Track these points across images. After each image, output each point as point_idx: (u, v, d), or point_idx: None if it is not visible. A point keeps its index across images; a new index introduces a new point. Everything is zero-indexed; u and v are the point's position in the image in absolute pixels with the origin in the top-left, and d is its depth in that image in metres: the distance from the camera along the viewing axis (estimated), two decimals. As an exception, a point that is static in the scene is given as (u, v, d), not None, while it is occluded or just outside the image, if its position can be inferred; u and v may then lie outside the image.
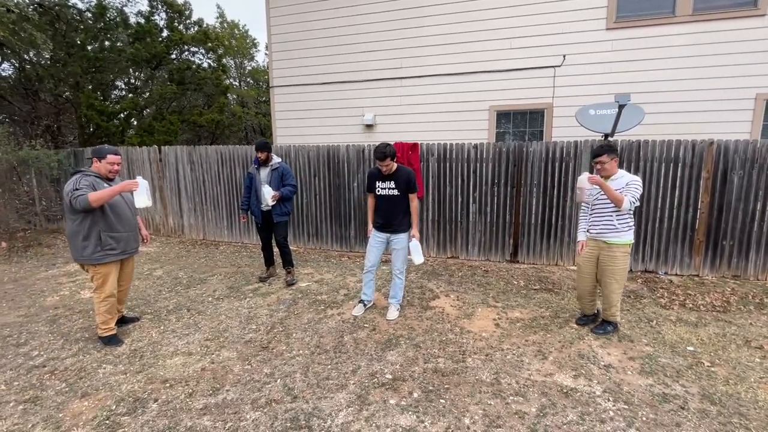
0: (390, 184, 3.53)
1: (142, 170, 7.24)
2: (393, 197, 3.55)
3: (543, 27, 6.41)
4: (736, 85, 5.69)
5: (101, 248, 3.09)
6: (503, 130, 6.97)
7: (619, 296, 3.29)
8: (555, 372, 2.78)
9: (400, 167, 3.56)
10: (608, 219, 3.20)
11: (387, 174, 3.51)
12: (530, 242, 5.37)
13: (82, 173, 3.07)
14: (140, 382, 2.73)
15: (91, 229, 3.06)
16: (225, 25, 19.45)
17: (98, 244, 3.08)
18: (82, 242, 3.06)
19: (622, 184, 3.14)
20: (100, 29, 12.45)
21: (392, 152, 3.41)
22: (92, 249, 3.07)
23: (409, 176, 3.53)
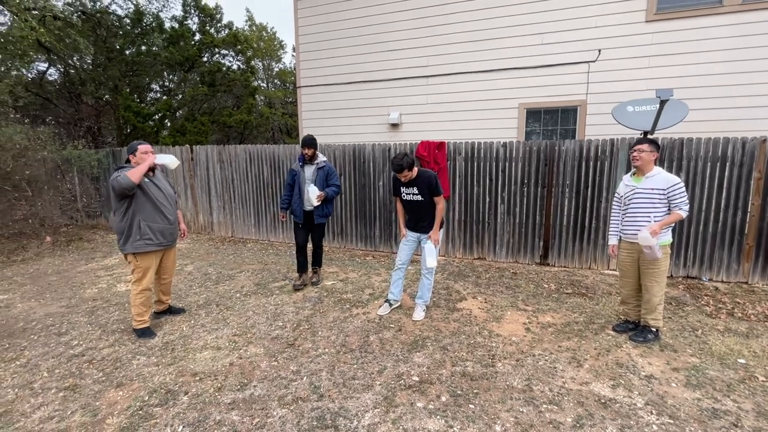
0: (413, 189, 3.51)
1: (175, 169, 7.46)
2: (417, 201, 3.54)
3: (577, 21, 6.17)
4: (791, 78, 5.28)
5: (140, 237, 3.24)
6: (533, 129, 6.76)
7: (660, 300, 3.10)
8: (591, 381, 2.64)
9: (422, 172, 3.51)
10: (644, 221, 3.03)
11: (409, 180, 3.49)
12: (562, 244, 5.17)
13: (123, 168, 3.21)
14: (171, 375, 2.79)
15: (133, 219, 3.21)
16: (254, 28, 19.90)
17: (138, 233, 3.23)
18: (126, 232, 3.22)
19: (660, 184, 2.97)
20: (138, 34, 13.00)
21: (409, 163, 3.36)
22: (133, 238, 3.22)
23: (430, 181, 3.45)
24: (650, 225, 2.95)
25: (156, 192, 3.32)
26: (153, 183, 3.34)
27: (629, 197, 3.13)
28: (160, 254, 3.45)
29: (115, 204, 3.22)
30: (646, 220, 3.02)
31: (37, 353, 3.13)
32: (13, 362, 3.00)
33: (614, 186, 4.83)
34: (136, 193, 3.17)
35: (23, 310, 4.04)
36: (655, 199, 3.00)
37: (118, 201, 3.18)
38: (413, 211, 3.61)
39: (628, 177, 3.22)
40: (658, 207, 3.00)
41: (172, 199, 3.49)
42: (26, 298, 4.36)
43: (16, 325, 3.67)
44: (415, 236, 3.69)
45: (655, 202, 3.00)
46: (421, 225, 3.60)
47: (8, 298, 4.37)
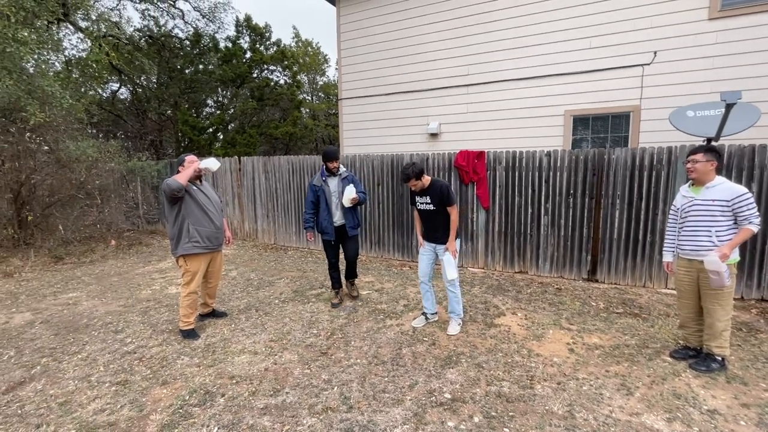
0: (426, 198, 3.48)
1: (224, 179, 7.93)
2: (430, 211, 3.48)
3: (629, 22, 5.83)
4: None
5: (189, 240, 3.46)
6: (581, 137, 6.43)
7: (726, 325, 2.78)
8: (643, 411, 2.40)
9: (435, 182, 3.47)
10: (705, 236, 2.74)
11: (422, 189, 3.46)
12: (612, 259, 4.82)
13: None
14: (211, 376, 2.91)
15: (183, 223, 3.44)
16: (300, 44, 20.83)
17: (187, 236, 3.45)
18: (177, 236, 3.46)
19: (724, 195, 2.68)
20: (196, 54, 14.09)
21: (416, 172, 3.35)
22: (182, 241, 3.45)
23: (442, 191, 3.39)
24: (720, 248, 2.64)
25: (203, 198, 3.55)
26: (200, 190, 3.57)
27: (686, 210, 2.85)
28: (208, 258, 3.65)
29: (168, 211, 3.47)
30: (706, 236, 2.73)
31: (96, 348, 3.40)
32: (75, 356, 3.29)
33: (672, 197, 4.45)
34: (185, 198, 3.41)
35: (87, 307, 4.42)
36: (716, 212, 2.71)
37: (170, 206, 3.43)
38: (427, 220, 3.57)
39: (686, 188, 2.94)
40: (719, 221, 2.70)
41: (218, 206, 3.71)
42: (91, 297, 4.78)
43: (80, 321, 4.03)
44: (431, 246, 3.62)
45: (717, 216, 2.70)
46: (435, 235, 3.54)
47: (76, 296, 4.81)
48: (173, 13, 12.73)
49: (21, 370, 3.06)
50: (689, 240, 2.83)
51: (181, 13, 12.87)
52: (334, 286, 4.39)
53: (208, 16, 13.30)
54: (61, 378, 2.94)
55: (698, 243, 2.77)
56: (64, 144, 6.82)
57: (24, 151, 6.52)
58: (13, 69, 5.73)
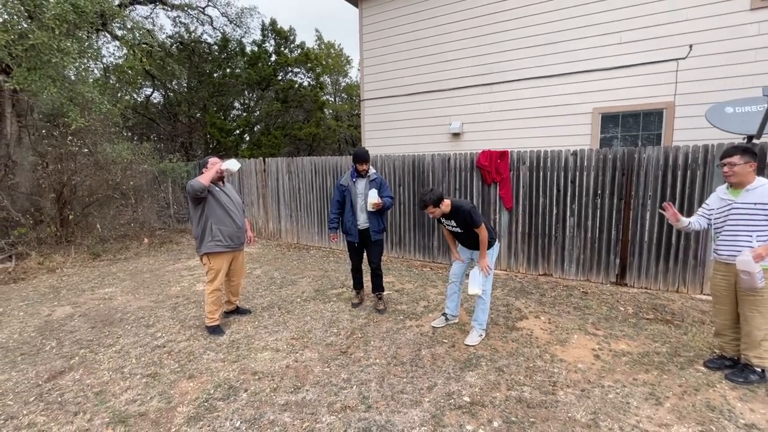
0: (452, 222, 3.38)
1: (249, 180, 8.14)
2: (460, 233, 3.42)
3: (662, 15, 5.59)
4: None
5: (212, 239, 3.57)
6: (610, 135, 6.21)
7: (766, 334, 2.62)
8: (673, 423, 2.30)
9: (457, 208, 3.27)
10: (745, 240, 2.59)
11: (445, 215, 3.34)
12: (642, 263, 4.63)
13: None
14: (235, 372, 3.00)
15: (206, 222, 3.57)
16: (322, 46, 21.11)
17: (210, 235, 3.57)
18: (201, 236, 3.58)
19: (762, 197, 2.54)
20: (224, 59, 14.54)
21: (433, 199, 3.19)
22: (206, 240, 3.57)
23: (465, 217, 3.22)
24: (756, 248, 2.50)
25: (225, 199, 3.67)
26: (223, 191, 3.70)
27: (724, 213, 2.70)
28: (230, 257, 3.76)
29: (192, 211, 3.61)
30: (746, 240, 2.58)
31: (129, 341, 3.58)
32: (110, 348, 3.47)
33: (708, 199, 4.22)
34: (207, 198, 3.53)
35: (122, 302, 4.65)
36: (759, 215, 2.55)
37: (194, 207, 3.57)
38: (459, 239, 3.53)
39: (724, 189, 2.79)
40: (761, 224, 2.55)
41: (239, 207, 3.82)
42: (125, 292, 5.02)
43: (115, 315, 4.24)
44: (468, 252, 3.57)
45: (759, 219, 2.55)
46: (469, 245, 3.49)
47: (111, 292, 5.07)
48: (202, 19, 13.19)
49: (61, 360, 3.26)
50: (730, 245, 2.68)
51: (209, 19, 13.32)
52: (355, 287, 4.41)
53: (235, 22, 13.71)
54: (97, 369, 3.11)
55: (738, 247, 2.62)
56: (101, 147, 7.21)
57: (66, 154, 6.93)
58: (56, 77, 6.09)
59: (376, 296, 4.27)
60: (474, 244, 3.41)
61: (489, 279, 3.40)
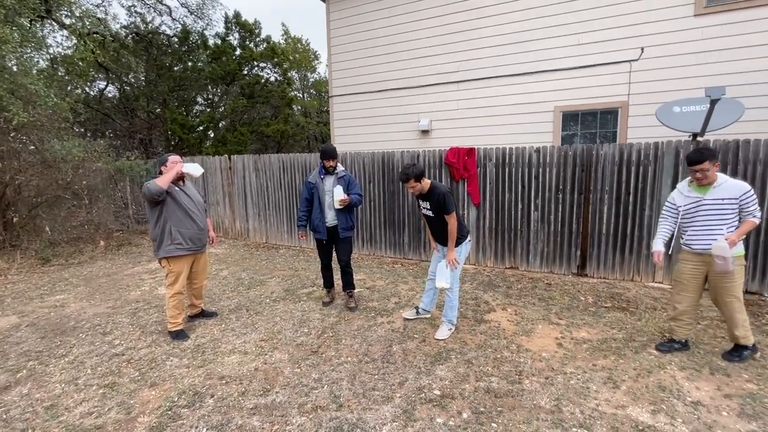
0: (426, 204, 3.40)
1: (214, 178, 7.86)
2: (431, 217, 3.44)
3: (616, 19, 5.88)
4: None
5: (171, 242, 3.42)
6: (571, 132, 6.47)
7: (744, 315, 2.85)
8: (628, 404, 2.44)
9: (433, 188, 3.31)
10: (718, 232, 2.79)
11: (422, 194, 3.38)
12: (601, 254, 4.88)
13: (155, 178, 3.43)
14: (200, 377, 2.89)
15: (165, 225, 3.40)
16: (289, 41, 20.65)
17: (169, 238, 3.41)
18: (159, 238, 3.42)
19: (732, 193, 2.75)
20: (185, 52, 13.91)
21: (416, 173, 3.22)
22: (165, 243, 3.41)
23: (439, 199, 3.26)
24: (728, 235, 2.74)
25: (186, 200, 3.51)
26: (183, 191, 3.53)
27: (693, 209, 2.89)
28: (191, 260, 3.61)
29: (149, 213, 3.43)
30: (720, 232, 2.79)
31: (84, 351, 3.36)
32: (62, 359, 3.25)
33: (659, 192, 4.50)
34: (166, 200, 3.36)
35: (75, 309, 4.37)
36: (727, 209, 2.77)
37: (152, 209, 3.39)
38: (430, 225, 3.55)
39: (686, 186, 2.97)
40: (729, 217, 2.77)
41: (201, 207, 3.67)
42: (79, 299, 4.72)
43: (67, 324, 3.98)
44: (443, 248, 3.59)
45: (727, 213, 2.77)
46: (441, 239, 3.49)
47: (63, 298, 4.75)
48: (160, 9, 12.56)
49: (6, 375, 3.02)
50: (702, 237, 2.87)
51: (168, 10, 12.70)
52: (325, 285, 4.36)
53: (196, 13, 13.15)
54: (48, 382, 2.90)
55: (713, 238, 2.81)
56: (49, 143, 6.70)
57: (8, 152, 6.40)
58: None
59: (346, 294, 4.24)
60: (443, 237, 3.43)
61: (456, 274, 3.46)
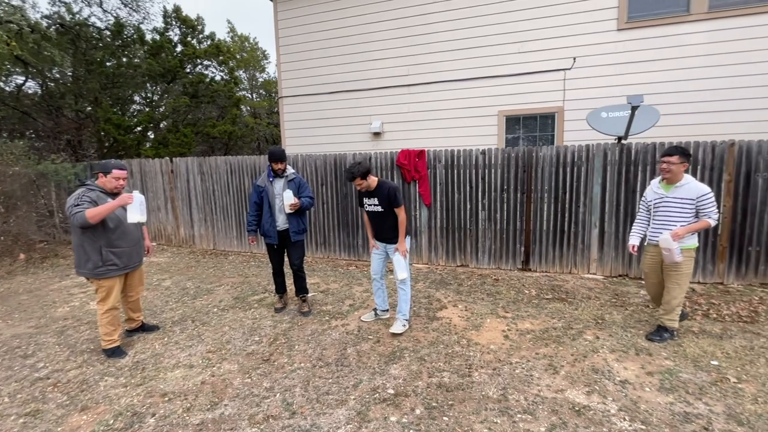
0: (374, 200, 3.47)
1: (155, 182, 7.36)
2: (379, 213, 3.49)
3: (552, 30, 6.31)
4: (757, 83, 5.45)
5: (103, 264, 3.10)
6: (515, 135, 6.84)
7: (680, 303, 3.18)
8: (567, 388, 2.63)
9: (382, 183, 3.45)
10: (673, 227, 3.08)
11: (369, 191, 3.45)
12: (542, 250, 5.20)
13: (87, 187, 3.10)
14: (140, 396, 2.70)
15: (93, 244, 3.07)
16: (236, 39, 19.88)
17: (100, 260, 3.09)
18: (85, 256, 3.08)
19: (690, 194, 3.02)
20: (118, 46, 12.87)
21: (362, 171, 3.31)
22: (94, 264, 3.08)
23: (389, 192, 3.38)
24: (675, 229, 3.02)
25: (118, 214, 3.17)
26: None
27: (656, 204, 3.18)
28: (124, 275, 3.33)
29: (73, 231, 3.08)
30: (674, 228, 3.07)
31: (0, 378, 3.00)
32: (-28, 388, 2.87)
33: (591, 190, 4.90)
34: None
35: (-11, 331, 3.88)
36: (685, 208, 3.05)
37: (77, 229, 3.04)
38: (376, 222, 3.57)
39: (657, 183, 3.26)
40: (686, 215, 3.05)
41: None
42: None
43: (-21, 348, 3.53)
44: (383, 246, 3.64)
45: (685, 211, 3.05)
46: (385, 236, 3.55)
47: (-26, 320, 4.20)
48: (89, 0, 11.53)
49: None
50: (660, 231, 3.15)
51: (98, 1, 11.70)
52: (277, 291, 4.25)
53: (131, 5, 12.23)
54: (-47, 415, 2.56)
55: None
56: (-47, 145, 5.91)
57: None
58: None
59: (300, 299, 4.16)
60: (388, 233, 3.51)
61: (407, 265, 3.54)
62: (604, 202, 4.88)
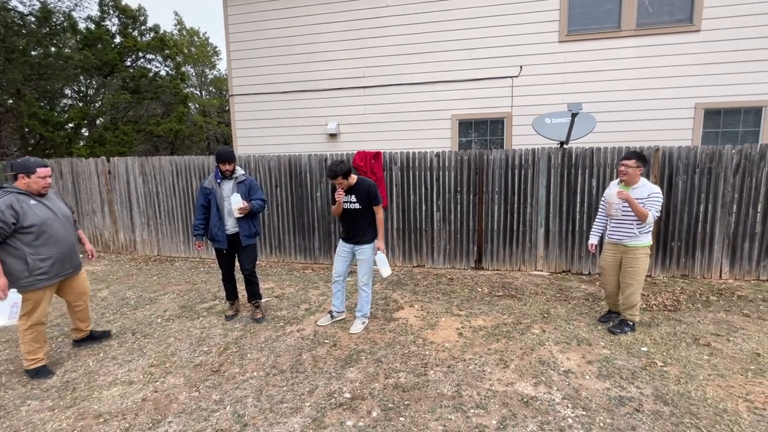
0: (351, 197, 3.45)
1: (89, 183, 6.77)
2: (355, 210, 3.47)
3: (501, 38, 6.60)
4: (677, 95, 6.07)
5: (29, 273, 2.78)
6: (467, 139, 7.07)
7: (638, 297, 3.38)
8: (516, 380, 2.75)
9: (361, 180, 3.48)
10: (628, 227, 3.30)
11: (347, 188, 3.43)
12: (494, 249, 5.42)
13: (3, 190, 2.78)
14: (69, 419, 2.45)
15: (16, 252, 2.74)
16: (184, 33, 18.85)
17: (26, 269, 2.77)
18: (7, 266, 2.74)
19: (643, 193, 3.23)
20: (45, 34, 11.71)
21: (344, 170, 3.30)
22: (18, 274, 2.76)
23: (369, 189, 3.43)
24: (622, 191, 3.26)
25: (46, 216, 2.86)
26: (44, 205, 2.90)
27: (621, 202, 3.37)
28: (56, 285, 3.03)
29: None
30: (629, 227, 3.29)
31: None
32: None
33: (537, 191, 5.18)
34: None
35: None
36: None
37: None
38: (350, 219, 3.53)
39: (615, 184, 3.45)
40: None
41: (68, 221, 3.07)
42: None
43: None
44: (349, 247, 3.62)
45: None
46: (357, 234, 3.53)
47: None
48: (9, -20, 10.38)
49: None
50: (617, 230, 3.37)
51: (20, -18, 10.57)
52: (228, 297, 4.06)
53: (60, -10, 11.18)
54: None
55: (624, 232, 3.33)
56: None
57: None
58: None
59: (252, 305, 4.01)
60: (360, 232, 3.51)
61: (371, 272, 3.58)
62: (548, 203, 5.18)
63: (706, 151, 4.72)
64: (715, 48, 5.93)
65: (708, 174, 4.73)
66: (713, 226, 4.79)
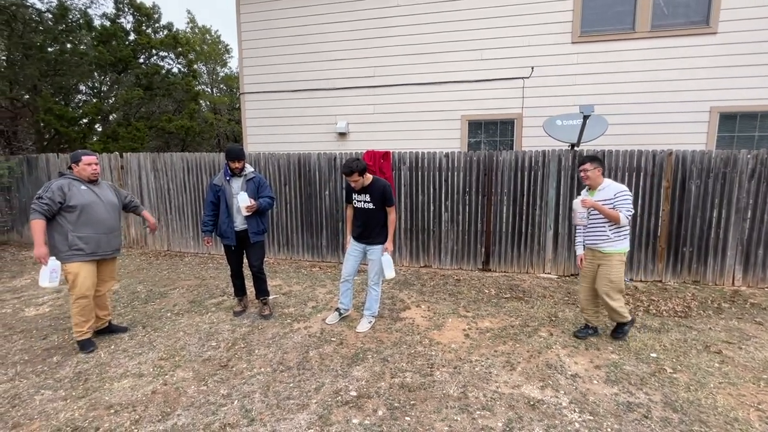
0: (365, 197, 3.46)
1: (102, 178, 6.86)
2: (369, 210, 3.48)
3: (512, 39, 6.55)
4: (692, 98, 5.97)
5: (68, 248, 3.12)
6: (477, 140, 7.04)
7: (620, 302, 3.26)
8: (522, 383, 2.74)
9: (376, 180, 3.47)
10: (601, 230, 3.24)
11: (363, 187, 3.44)
12: (501, 250, 5.40)
13: (63, 176, 3.20)
14: (81, 409, 2.50)
15: (60, 228, 3.12)
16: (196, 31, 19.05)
17: (65, 243, 3.12)
18: (52, 239, 3.12)
19: (609, 194, 3.18)
20: (62, 31, 11.90)
21: (360, 167, 3.30)
22: (60, 246, 3.12)
23: (384, 190, 3.42)
24: (586, 199, 3.21)
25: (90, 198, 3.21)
26: (91, 191, 3.24)
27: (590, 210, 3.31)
28: (95, 264, 3.28)
29: None
30: (602, 230, 3.22)
31: None
32: None
33: (546, 194, 5.14)
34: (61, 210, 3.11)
35: None
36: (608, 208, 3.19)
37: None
38: (362, 219, 3.53)
39: (585, 192, 3.42)
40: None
41: (113, 208, 3.39)
42: None
43: None
44: (361, 247, 3.63)
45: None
46: (369, 234, 3.53)
47: None
48: (27, -22, 10.57)
49: None
50: (590, 234, 3.33)
51: (38, -20, 10.75)
52: (236, 294, 4.10)
53: (77, -13, 11.35)
54: None
55: (597, 236, 3.26)
56: None
57: None
58: None
59: (260, 302, 4.04)
60: (373, 232, 3.51)
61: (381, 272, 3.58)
62: (558, 205, 5.14)
63: (720, 155, 4.65)
64: (731, 50, 5.82)
65: (722, 179, 4.65)
66: (727, 231, 4.71)
